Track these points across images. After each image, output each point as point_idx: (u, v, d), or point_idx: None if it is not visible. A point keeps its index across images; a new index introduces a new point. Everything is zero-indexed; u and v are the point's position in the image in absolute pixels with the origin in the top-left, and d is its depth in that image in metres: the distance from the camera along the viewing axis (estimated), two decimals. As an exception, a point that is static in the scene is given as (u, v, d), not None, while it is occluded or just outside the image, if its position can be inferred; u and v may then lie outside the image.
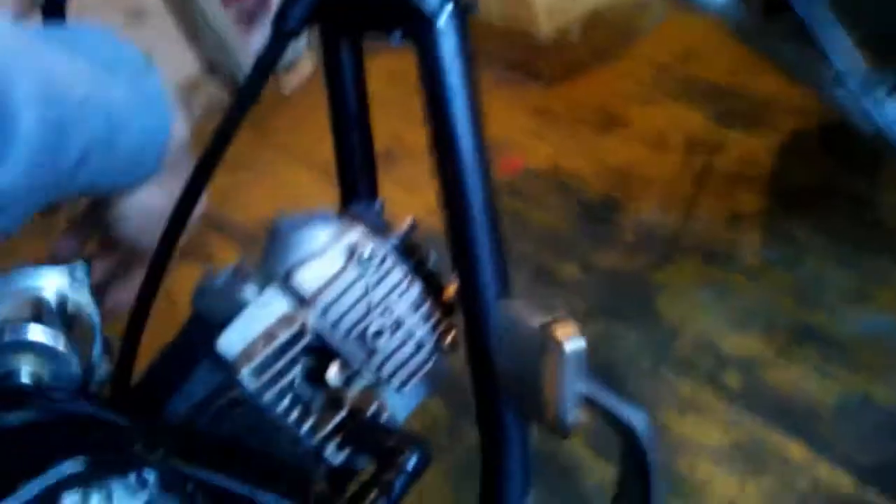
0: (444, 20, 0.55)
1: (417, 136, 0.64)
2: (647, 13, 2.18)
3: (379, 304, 0.62)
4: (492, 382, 0.60)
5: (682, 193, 1.64)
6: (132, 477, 0.51)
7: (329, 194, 0.76)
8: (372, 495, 0.56)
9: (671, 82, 1.95)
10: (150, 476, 0.51)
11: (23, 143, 0.41)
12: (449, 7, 0.55)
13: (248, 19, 2.58)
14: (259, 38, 2.61)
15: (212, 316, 0.61)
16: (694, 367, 1.32)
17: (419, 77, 0.58)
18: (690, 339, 1.36)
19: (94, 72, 0.51)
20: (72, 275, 0.58)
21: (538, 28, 2.05)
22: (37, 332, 0.51)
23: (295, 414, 0.60)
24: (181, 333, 0.62)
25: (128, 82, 0.54)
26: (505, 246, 0.61)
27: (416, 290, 0.63)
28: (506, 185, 1.83)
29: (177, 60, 2.62)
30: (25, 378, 0.49)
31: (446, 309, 0.66)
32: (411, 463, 0.56)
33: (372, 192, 0.78)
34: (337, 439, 0.61)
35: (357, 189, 0.77)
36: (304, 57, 2.66)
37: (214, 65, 2.69)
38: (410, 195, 1.14)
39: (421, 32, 0.55)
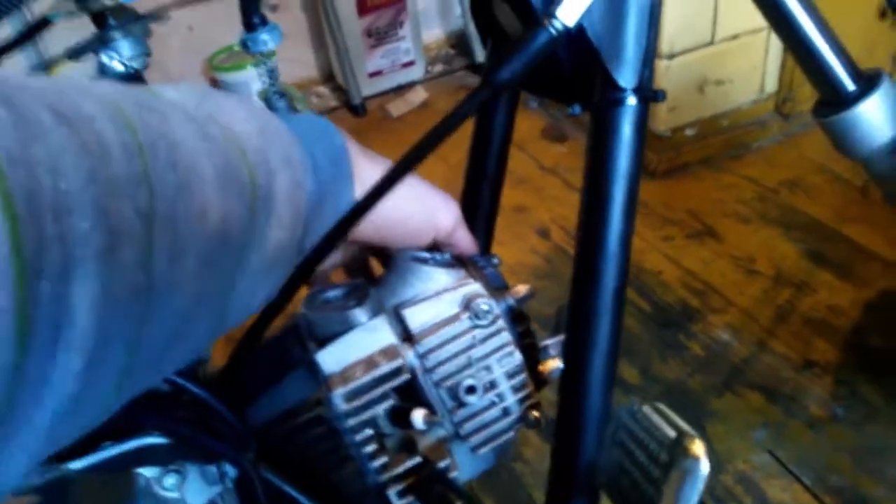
0: (629, 102, 0.55)
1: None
2: (765, 132, 2.17)
3: (479, 360, 0.61)
4: (572, 466, 0.58)
5: (760, 323, 1.61)
6: (212, 468, 0.51)
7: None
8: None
9: (772, 207, 1.93)
10: (231, 472, 0.51)
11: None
12: (637, 91, 0.55)
13: (377, 36, 2.64)
14: (380, 57, 2.66)
15: (317, 327, 0.61)
16: (733, 504, 1.28)
17: (588, 151, 0.58)
18: (735, 475, 1.32)
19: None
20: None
21: (656, 122, 2.05)
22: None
23: (371, 447, 0.59)
24: (281, 335, 0.62)
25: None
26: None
27: (517, 357, 0.63)
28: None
29: (297, 59, 2.69)
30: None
31: (538, 384, 0.65)
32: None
33: (488, 245, 0.78)
34: (403, 484, 0.60)
35: (474, 237, 0.77)
36: (417, 85, 2.71)
37: (332, 72, 2.75)
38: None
39: (605, 109, 0.55)
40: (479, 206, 0.77)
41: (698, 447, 0.45)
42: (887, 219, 1.77)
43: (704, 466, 0.44)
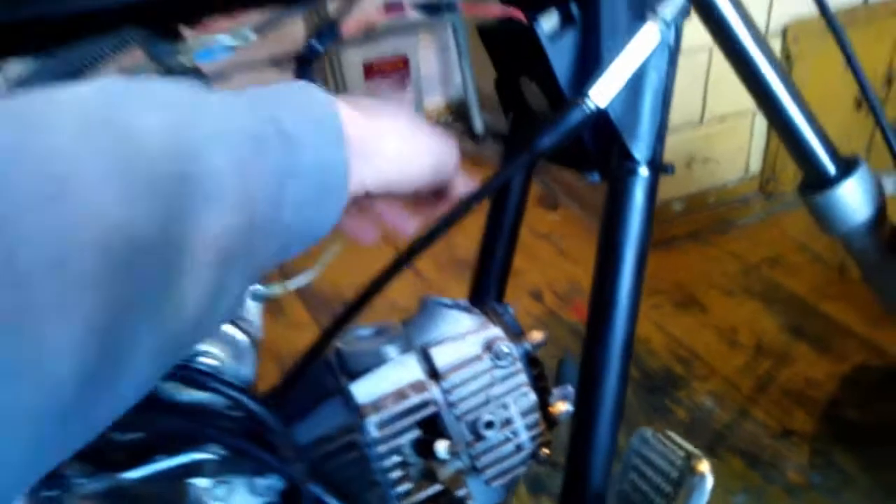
0: (642, 173, 0.63)
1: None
2: (748, 210, 2.27)
3: (497, 398, 0.68)
4: (582, 498, 0.64)
5: (742, 391, 1.68)
6: (260, 480, 0.56)
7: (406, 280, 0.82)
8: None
9: (755, 282, 2.02)
10: (277, 485, 0.56)
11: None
12: (650, 163, 0.63)
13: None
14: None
15: (350, 361, 0.67)
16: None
17: (604, 215, 0.65)
18: (716, 534, 1.37)
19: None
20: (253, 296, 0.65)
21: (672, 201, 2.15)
22: (231, 328, 0.58)
23: (397, 473, 0.65)
24: (319, 366, 0.68)
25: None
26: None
27: (531, 397, 0.69)
28: (571, 327, 1.89)
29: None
30: (209, 362, 0.56)
31: (549, 423, 0.71)
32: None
33: (500, 295, 0.85)
34: (426, 507, 0.66)
35: (488, 289, 0.84)
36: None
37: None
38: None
39: (621, 178, 0.63)
40: (494, 262, 0.83)
41: (705, 465, 0.51)
42: (863, 297, 1.85)
43: (710, 482, 0.50)
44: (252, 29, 0.67)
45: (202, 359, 0.57)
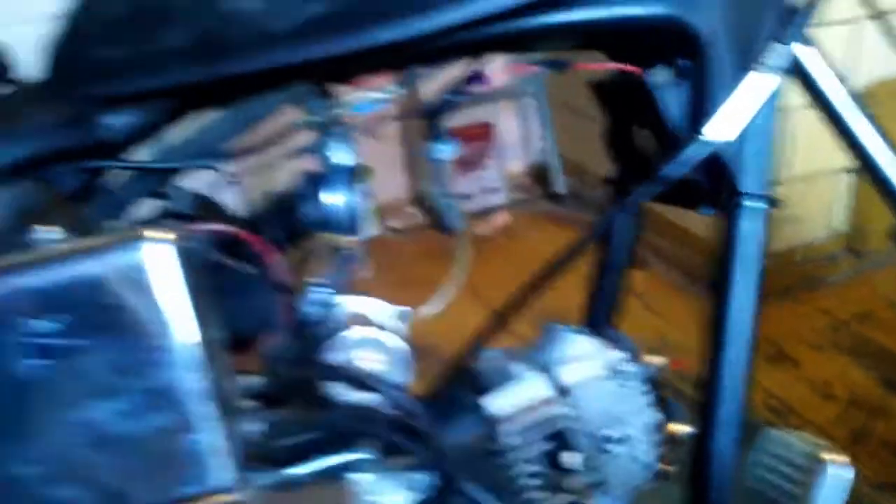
0: (755, 206, 0.69)
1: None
2: (836, 267, 2.27)
3: (620, 416, 0.73)
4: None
5: (837, 443, 1.66)
6: (418, 477, 0.63)
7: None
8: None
9: (845, 337, 2.01)
10: (431, 482, 0.63)
11: None
12: (762, 197, 0.69)
13: (466, 164, 2.86)
14: (469, 183, 2.87)
15: (485, 378, 0.74)
16: None
17: (719, 246, 0.71)
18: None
19: None
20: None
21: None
22: (392, 338, 0.66)
23: (528, 482, 0.70)
24: (455, 382, 0.75)
25: None
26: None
27: (653, 416, 0.74)
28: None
29: (390, 181, 2.92)
30: (373, 366, 0.64)
31: (669, 443, 0.75)
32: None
33: (610, 324, 0.90)
34: (553, 517, 0.71)
35: (599, 319, 0.90)
36: (500, 209, 2.91)
37: (421, 195, 2.96)
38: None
39: (734, 211, 0.69)
40: (605, 293, 0.89)
41: (841, 455, 0.55)
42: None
43: (849, 471, 0.54)
44: (398, 84, 0.76)
45: (366, 363, 0.64)
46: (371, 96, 0.77)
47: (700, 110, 0.67)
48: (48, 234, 0.56)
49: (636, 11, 0.66)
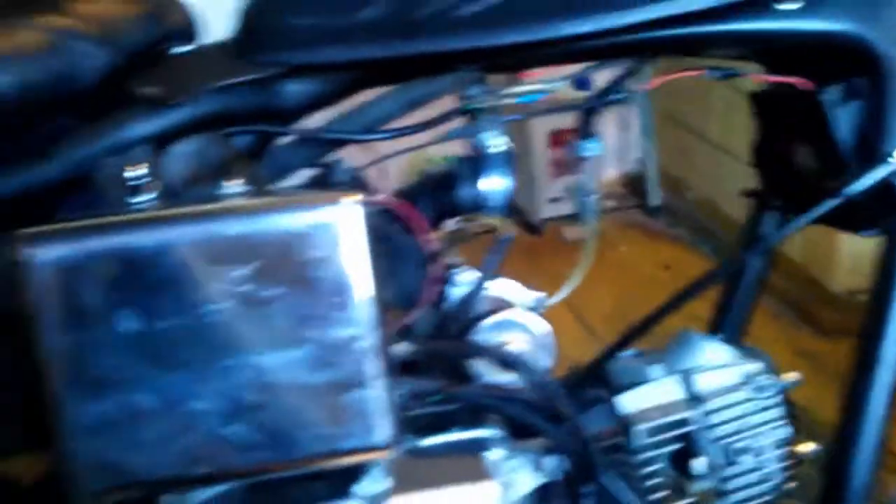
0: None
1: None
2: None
3: (753, 428, 0.73)
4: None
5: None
6: (548, 459, 0.64)
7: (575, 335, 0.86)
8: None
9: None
10: (561, 466, 0.64)
11: None
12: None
13: (561, 167, 2.85)
14: (561, 186, 2.87)
15: (617, 376, 0.75)
16: None
17: (879, 266, 0.70)
18: None
19: None
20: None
21: (833, 281, 2.13)
22: (537, 321, 0.67)
23: (654, 481, 0.71)
24: (588, 376, 0.75)
25: None
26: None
27: (784, 432, 0.73)
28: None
29: (484, 176, 2.94)
30: (518, 348, 0.65)
31: (796, 461, 0.75)
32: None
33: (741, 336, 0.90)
34: (674, 519, 0.71)
35: (731, 333, 0.89)
36: (593, 215, 2.90)
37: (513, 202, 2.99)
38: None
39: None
40: (738, 305, 0.89)
41: None
42: None
43: None
44: (563, 78, 0.77)
45: (512, 345, 0.66)
46: (533, 87, 0.79)
47: (878, 130, 0.67)
48: (233, 187, 0.59)
49: (818, 26, 0.66)
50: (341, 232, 0.52)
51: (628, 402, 0.72)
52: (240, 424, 0.54)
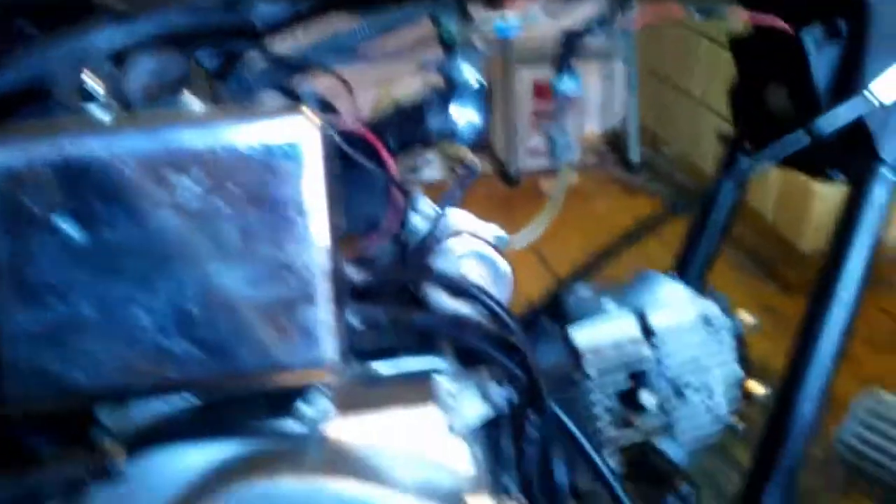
0: (887, 174, 0.69)
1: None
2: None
3: (704, 366, 0.74)
4: (774, 467, 0.70)
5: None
6: (497, 390, 0.65)
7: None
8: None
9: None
10: (509, 398, 0.64)
11: None
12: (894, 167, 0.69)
13: (542, 118, 2.84)
14: (538, 141, 2.86)
15: (573, 310, 0.76)
16: None
17: (843, 210, 0.71)
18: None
19: None
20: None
21: (802, 240, 2.15)
22: (495, 254, 0.68)
23: (603, 415, 0.72)
24: (543, 310, 0.76)
25: None
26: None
27: (736, 371, 0.75)
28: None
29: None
30: (475, 278, 0.66)
31: (746, 399, 0.76)
32: (686, 490, 0.67)
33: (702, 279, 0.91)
34: (623, 452, 0.73)
35: (691, 272, 0.90)
36: (570, 169, 2.90)
37: (489, 142, 2.98)
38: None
39: (864, 177, 0.69)
40: (700, 249, 0.90)
41: None
42: None
43: None
44: (542, 11, 0.76)
45: (469, 275, 0.66)
46: (512, 20, 0.78)
47: (855, 71, 0.67)
48: (192, 103, 0.58)
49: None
50: (296, 148, 0.52)
51: (582, 335, 0.73)
52: (181, 337, 0.54)
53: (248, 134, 0.52)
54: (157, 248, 0.53)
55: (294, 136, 0.52)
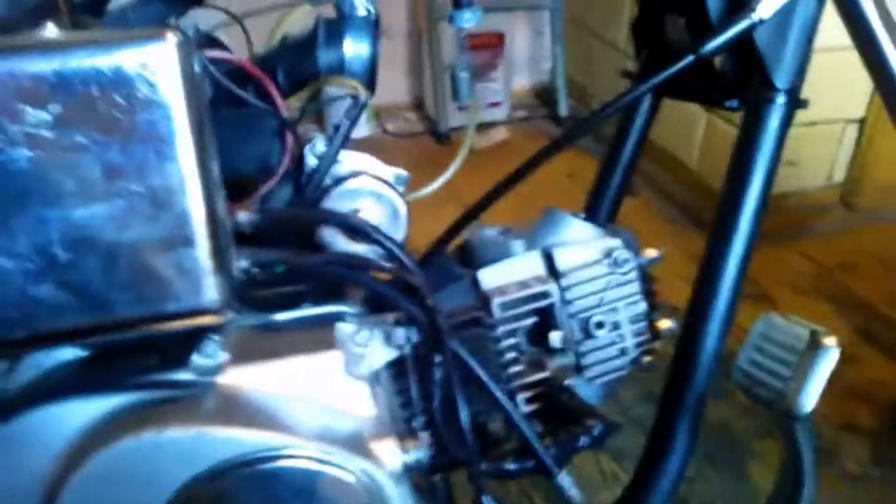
0: (781, 102, 0.67)
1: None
2: (827, 217, 2.28)
3: (610, 302, 0.73)
4: (683, 394, 0.70)
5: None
6: (399, 332, 0.62)
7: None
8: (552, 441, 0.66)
9: (827, 285, 2.03)
10: (411, 339, 0.62)
11: None
12: (789, 93, 0.68)
13: (472, 74, 2.81)
14: (479, 90, 2.83)
15: (480, 252, 0.73)
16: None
17: (738, 140, 0.70)
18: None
19: None
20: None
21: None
22: (391, 192, 0.64)
23: (511, 354, 0.70)
24: (454, 259, 0.74)
25: None
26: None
27: (642, 306, 0.74)
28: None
29: (391, 83, 2.87)
30: (370, 218, 0.63)
31: (654, 335, 0.75)
32: (597, 429, 0.66)
33: (613, 217, 0.90)
34: (532, 392, 0.71)
35: (602, 210, 0.89)
36: (501, 125, 2.87)
37: (421, 101, 2.92)
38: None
39: (759, 105, 0.68)
40: (611, 184, 0.88)
41: (830, 339, 0.56)
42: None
43: (835, 353, 0.55)
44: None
45: (363, 214, 0.63)
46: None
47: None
48: (54, 30, 0.53)
49: None
50: (156, 72, 0.48)
51: (488, 277, 0.71)
52: (50, 284, 0.50)
53: (103, 59, 0.48)
54: (10, 186, 0.49)
55: (151, 58, 0.48)
